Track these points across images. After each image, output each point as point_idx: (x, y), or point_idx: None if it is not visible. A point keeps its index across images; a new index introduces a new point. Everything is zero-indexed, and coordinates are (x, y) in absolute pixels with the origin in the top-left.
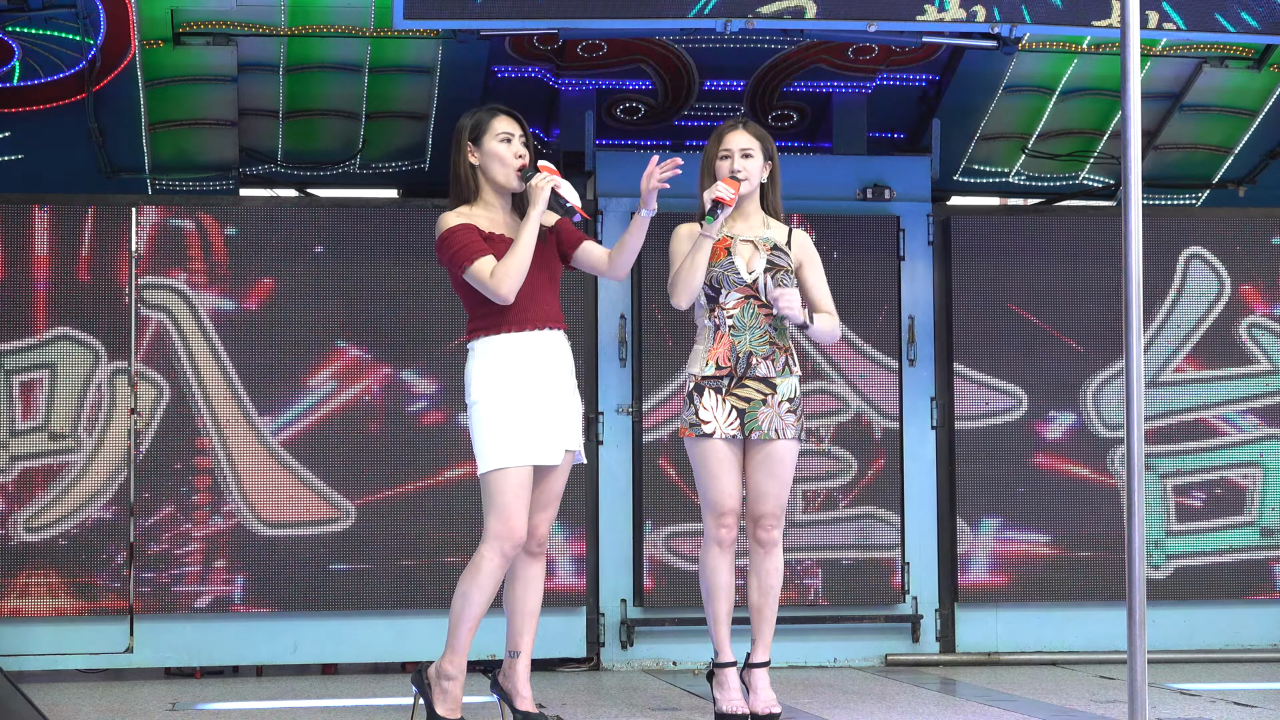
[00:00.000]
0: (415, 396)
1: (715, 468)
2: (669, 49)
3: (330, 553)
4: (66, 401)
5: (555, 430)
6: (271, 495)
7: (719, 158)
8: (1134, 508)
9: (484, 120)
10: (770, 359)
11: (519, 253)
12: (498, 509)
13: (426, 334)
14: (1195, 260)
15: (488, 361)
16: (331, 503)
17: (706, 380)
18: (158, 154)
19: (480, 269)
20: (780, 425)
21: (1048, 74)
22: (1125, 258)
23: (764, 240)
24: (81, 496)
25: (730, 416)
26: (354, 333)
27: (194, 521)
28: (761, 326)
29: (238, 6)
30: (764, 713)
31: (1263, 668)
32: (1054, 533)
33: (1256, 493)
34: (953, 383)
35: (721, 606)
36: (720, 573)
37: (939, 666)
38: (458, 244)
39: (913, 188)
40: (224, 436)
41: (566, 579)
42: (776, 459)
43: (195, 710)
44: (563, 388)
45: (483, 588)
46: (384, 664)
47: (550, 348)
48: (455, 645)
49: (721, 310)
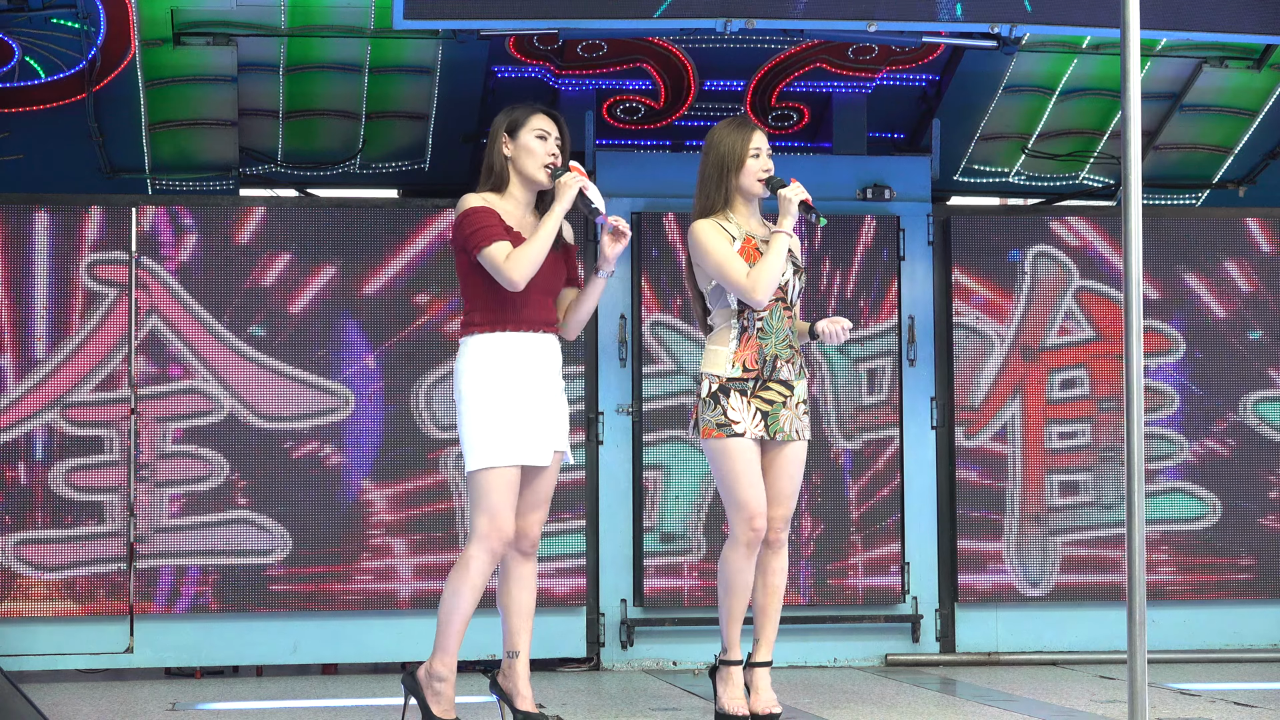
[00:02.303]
0: (415, 396)
1: (745, 469)
2: (669, 49)
3: (330, 552)
4: (67, 400)
5: (544, 431)
6: (272, 495)
7: (750, 155)
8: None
9: (524, 115)
10: (790, 362)
11: (538, 242)
12: (485, 508)
13: (427, 333)
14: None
15: (482, 358)
16: (332, 502)
17: (732, 382)
18: (158, 154)
19: (496, 252)
20: (799, 426)
21: (1048, 74)
22: (1125, 258)
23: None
24: (82, 496)
25: (755, 418)
26: (354, 332)
27: (194, 521)
28: (785, 330)
29: (238, 6)
30: (764, 712)
31: (1263, 668)
32: (1054, 532)
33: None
34: (953, 383)
35: (738, 604)
36: (744, 573)
37: (939, 666)
38: (477, 224)
39: (913, 188)
40: (224, 436)
41: (566, 579)
42: (795, 460)
43: (195, 710)
44: (552, 389)
45: (472, 587)
46: (384, 664)
47: (543, 350)
48: (445, 645)
49: (752, 312)
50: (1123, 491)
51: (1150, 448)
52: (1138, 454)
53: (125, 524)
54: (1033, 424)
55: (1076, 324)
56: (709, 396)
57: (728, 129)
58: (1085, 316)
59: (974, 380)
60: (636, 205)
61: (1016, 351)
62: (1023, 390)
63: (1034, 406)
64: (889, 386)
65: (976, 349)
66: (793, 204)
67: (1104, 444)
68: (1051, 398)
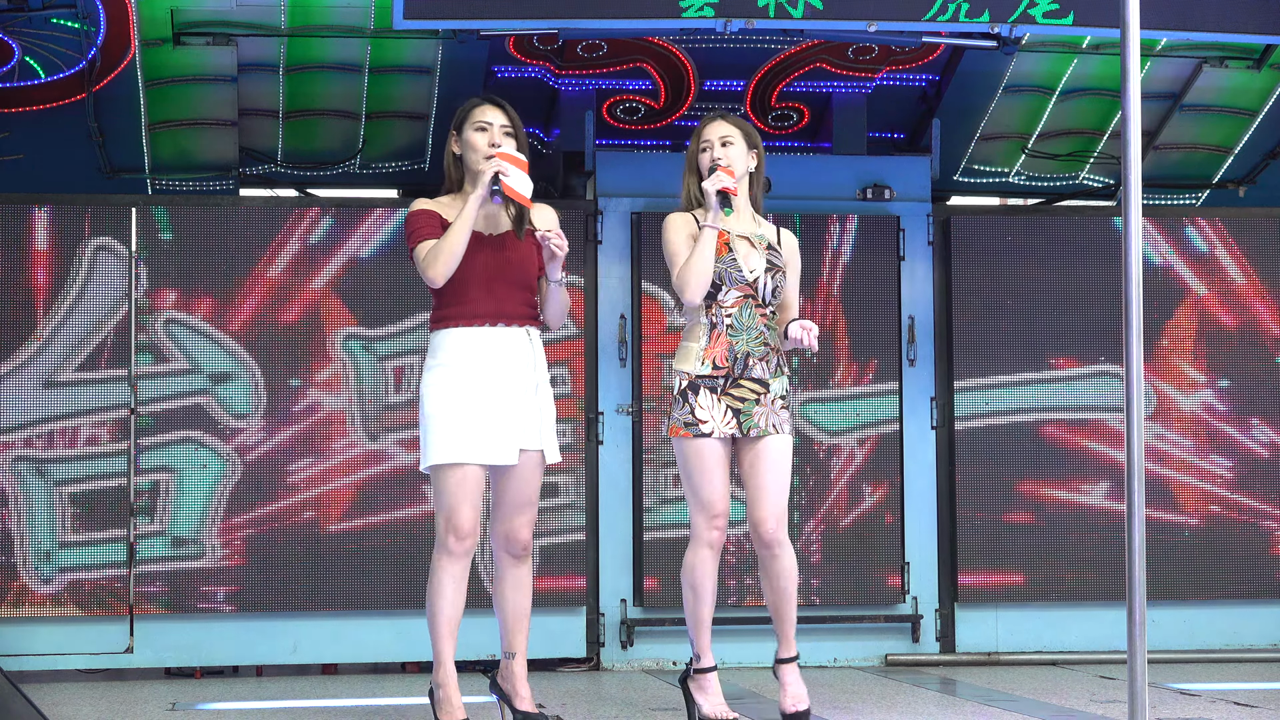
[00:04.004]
0: (415, 396)
1: (710, 467)
2: (669, 49)
3: (330, 552)
4: (67, 401)
5: (509, 429)
6: (272, 495)
7: (699, 151)
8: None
9: (466, 109)
10: (765, 360)
11: (450, 236)
12: (442, 508)
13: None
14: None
15: (439, 354)
16: (332, 501)
17: (702, 379)
18: (158, 154)
19: (418, 252)
20: (776, 420)
21: (1048, 74)
22: (1125, 257)
23: (759, 238)
24: (81, 496)
25: (727, 416)
26: (355, 332)
27: (194, 521)
28: (758, 327)
29: (238, 6)
30: (791, 710)
31: (1263, 668)
32: (1054, 533)
33: None
34: (953, 383)
35: (704, 609)
36: (707, 575)
37: (939, 666)
38: (411, 227)
39: (913, 188)
40: (225, 436)
41: (566, 579)
42: (775, 454)
43: (195, 710)
44: (522, 385)
45: (443, 593)
46: (384, 664)
47: (512, 344)
48: (436, 654)
49: (720, 308)
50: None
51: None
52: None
53: (125, 524)
54: (1033, 423)
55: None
56: (679, 394)
57: (695, 129)
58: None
59: (974, 380)
60: (636, 205)
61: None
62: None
63: (1034, 405)
64: (889, 386)
65: (977, 349)
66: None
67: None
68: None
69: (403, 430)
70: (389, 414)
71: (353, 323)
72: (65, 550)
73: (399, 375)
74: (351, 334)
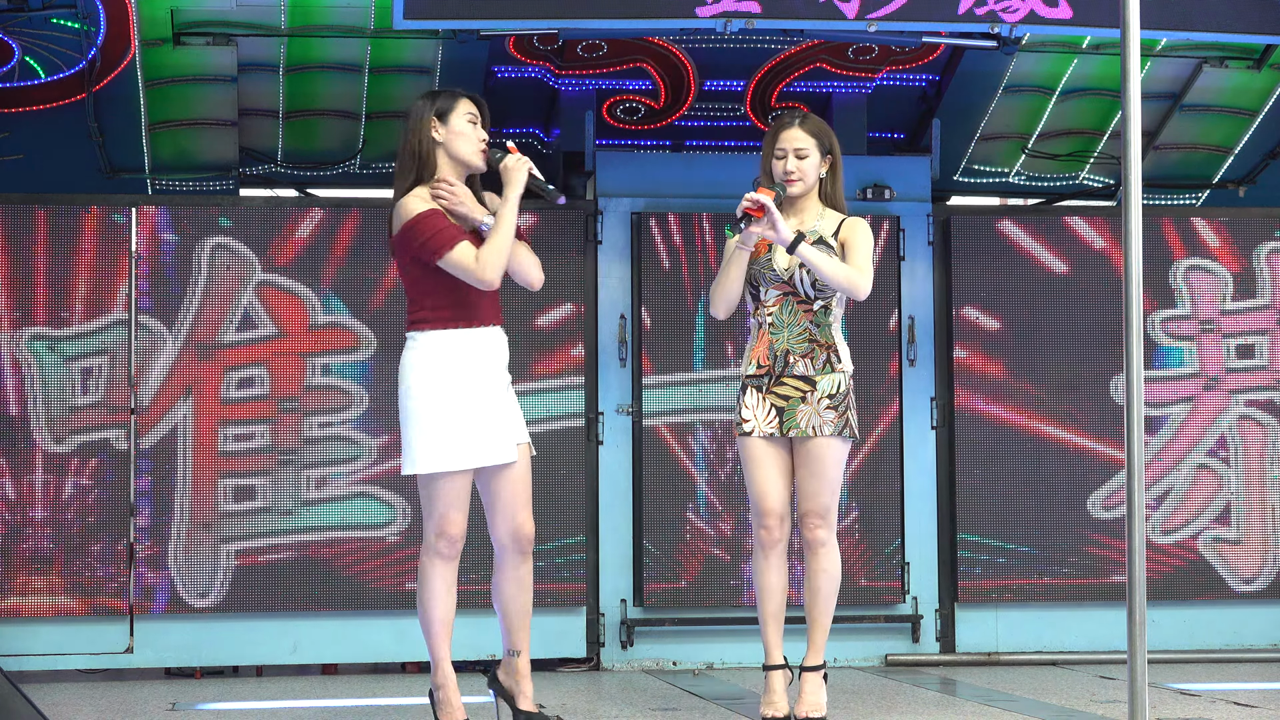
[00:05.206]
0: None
1: (754, 468)
2: (669, 49)
3: (330, 552)
4: (67, 401)
5: (503, 427)
6: (272, 494)
7: (774, 156)
8: (1134, 506)
9: (452, 99)
10: (809, 356)
11: (502, 237)
12: (433, 514)
13: None
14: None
15: (429, 355)
16: (332, 501)
17: (750, 379)
18: (158, 154)
19: (462, 255)
20: (818, 422)
21: (1048, 74)
22: (1125, 258)
23: (811, 234)
24: (81, 496)
25: (770, 415)
26: (354, 332)
27: (194, 521)
28: (801, 324)
29: (238, 6)
30: (803, 717)
31: (1263, 668)
32: (1055, 533)
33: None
34: (953, 383)
35: (768, 607)
36: (765, 574)
37: (939, 666)
38: (430, 230)
39: (913, 188)
40: (224, 436)
41: (566, 579)
42: (816, 457)
43: (195, 710)
44: (502, 383)
45: (436, 596)
46: (384, 664)
47: (493, 344)
48: (432, 657)
49: (763, 308)
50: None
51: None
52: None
53: (125, 524)
54: (1033, 423)
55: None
56: (737, 395)
57: (771, 127)
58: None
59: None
60: (636, 205)
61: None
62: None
63: (1034, 405)
64: (889, 386)
65: (977, 349)
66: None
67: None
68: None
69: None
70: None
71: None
72: (66, 550)
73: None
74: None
